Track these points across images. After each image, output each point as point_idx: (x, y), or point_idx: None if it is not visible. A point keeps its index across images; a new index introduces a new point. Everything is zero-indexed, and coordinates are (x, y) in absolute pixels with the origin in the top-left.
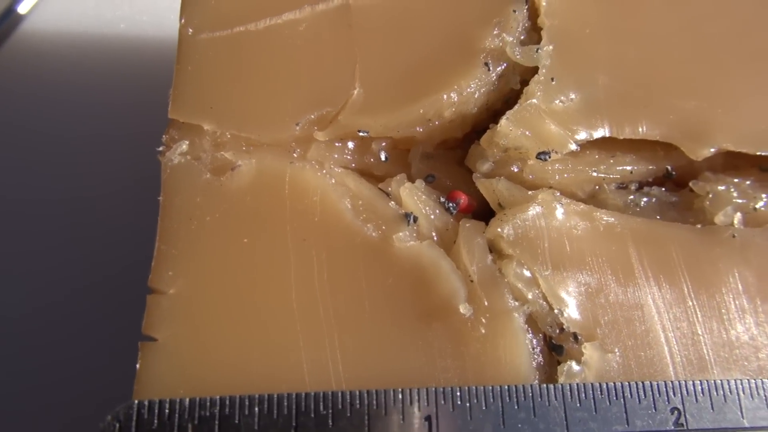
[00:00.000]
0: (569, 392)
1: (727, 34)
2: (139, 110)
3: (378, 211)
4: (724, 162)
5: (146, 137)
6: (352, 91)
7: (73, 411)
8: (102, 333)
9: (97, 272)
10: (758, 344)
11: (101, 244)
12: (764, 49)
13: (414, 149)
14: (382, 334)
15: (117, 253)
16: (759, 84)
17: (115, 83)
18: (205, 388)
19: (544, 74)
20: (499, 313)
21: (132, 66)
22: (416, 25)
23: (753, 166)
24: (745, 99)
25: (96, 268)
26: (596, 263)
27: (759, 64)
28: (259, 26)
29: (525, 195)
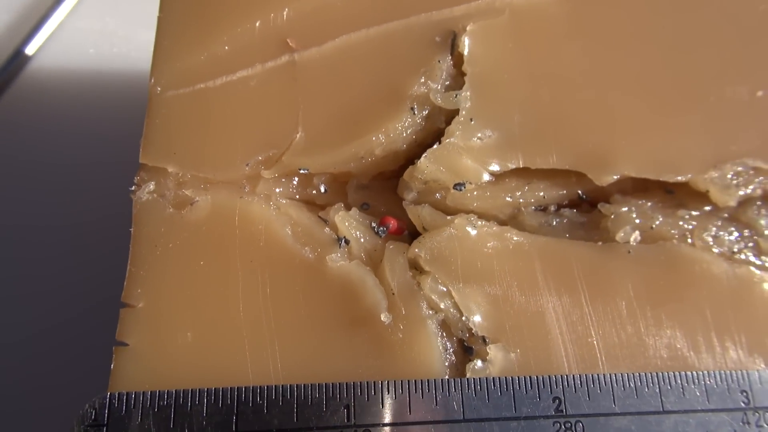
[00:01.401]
0: (466, 385)
1: (631, 74)
2: (136, 141)
3: (315, 236)
4: (634, 185)
5: None
6: (294, 135)
7: (59, 404)
8: (93, 341)
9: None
10: (645, 344)
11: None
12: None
13: (350, 182)
14: (315, 339)
15: (106, 274)
16: (659, 118)
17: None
18: (166, 384)
19: (464, 115)
20: (415, 320)
21: (128, 99)
22: (352, 77)
23: (660, 188)
24: (646, 132)
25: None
26: (503, 277)
27: (660, 99)
28: (217, 83)
29: (444, 220)
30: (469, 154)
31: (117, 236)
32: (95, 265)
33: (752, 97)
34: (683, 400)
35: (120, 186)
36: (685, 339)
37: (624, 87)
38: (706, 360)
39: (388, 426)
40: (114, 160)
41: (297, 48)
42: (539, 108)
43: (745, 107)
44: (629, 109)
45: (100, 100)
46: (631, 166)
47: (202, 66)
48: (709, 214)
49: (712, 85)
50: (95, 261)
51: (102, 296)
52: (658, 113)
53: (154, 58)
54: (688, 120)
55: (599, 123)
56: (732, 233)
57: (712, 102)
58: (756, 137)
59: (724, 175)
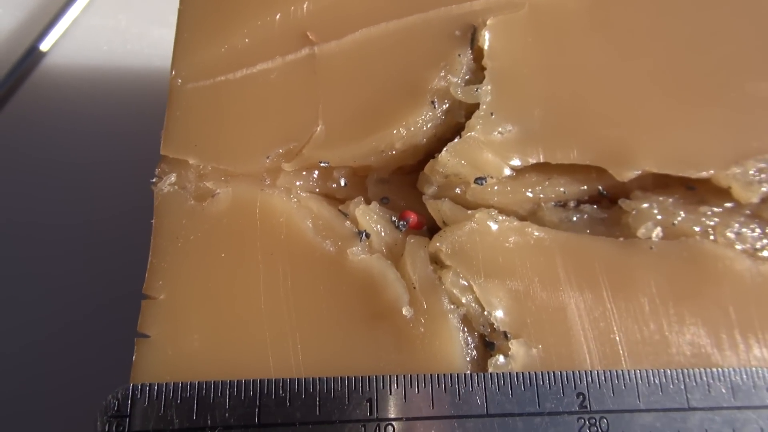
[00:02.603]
0: (489, 380)
1: (652, 69)
2: (149, 137)
3: (335, 230)
4: (654, 182)
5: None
6: (315, 128)
7: (81, 398)
8: (114, 335)
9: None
10: (668, 341)
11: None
12: (686, 81)
13: (370, 176)
14: (336, 333)
15: (121, 271)
16: (681, 114)
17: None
18: (187, 376)
19: (484, 110)
20: (437, 314)
21: (141, 96)
22: (372, 70)
23: (681, 185)
24: (667, 127)
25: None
26: (525, 272)
27: (681, 95)
28: (237, 76)
29: (465, 214)
30: (490, 149)
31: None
32: (110, 262)
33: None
34: (709, 397)
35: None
36: (708, 336)
37: (644, 82)
38: (730, 357)
39: (410, 420)
40: (127, 157)
41: (317, 41)
42: (559, 102)
43: (767, 103)
44: (650, 105)
45: (113, 97)
46: (652, 161)
47: (222, 59)
48: (731, 210)
49: (734, 80)
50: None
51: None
52: (679, 109)
53: (175, 51)
54: (709, 116)
55: (620, 118)
56: (755, 230)
57: (734, 98)
58: None
59: (746, 171)
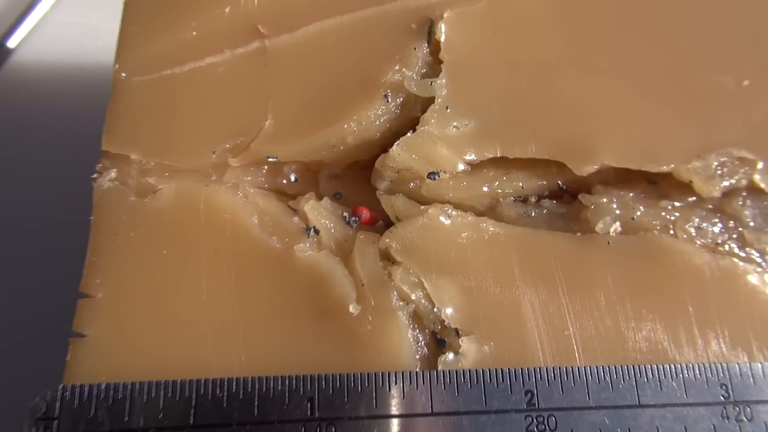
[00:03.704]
0: (435, 378)
1: (612, 62)
2: None
3: (283, 226)
4: (616, 176)
5: None
6: (264, 122)
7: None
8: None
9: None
10: (624, 337)
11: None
12: (647, 74)
13: (322, 171)
14: (282, 331)
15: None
16: (642, 107)
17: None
18: (125, 377)
19: (440, 103)
20: (385, 311)
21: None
22: (325, 64)
23: (643, 179)
24: (628, 121)
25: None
26: (478, 268)
27: (642, 88)
28: (184, 69)
29: (418, 209)
30: (445, 143)
31: None
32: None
33: (738, 86)
34: (660, 393)
35: None
36: (665, 332)
37: (605, 75)
38: (688, 354)
39: (353, 419)
40: (98, 154)
41: (268, 34)
42: (518, 96)
43: (730, 96)
44: (611, 98)
45: (83, 94)
46: (612, 155)
47: (170, 52)
48: (692, 205)
49: (697, 73)
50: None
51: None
52: (641, 102)
53: (120, 43)
54: (671, 109)
55: (579, 112)
56: (716, 224)
57: (697, 91)
58: (741, 127)
59: (708, 165)
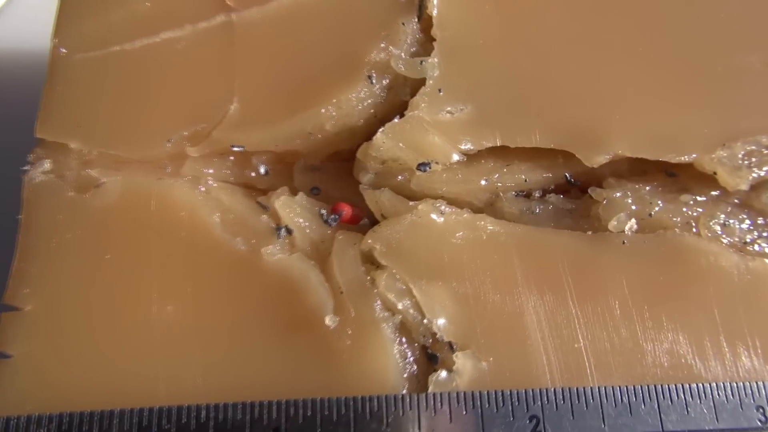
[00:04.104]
0: (424, 402)
1: (627, 41)
2: None
3: (249, 225)
4: (630, 167)
5: None
6: (228, 106)
7: None
8: None
9: None
10: (643, 351)
11: None
12: (665, 53)
13: (297, 162)
14: (246, 347)
15: None
16: (659, 90)
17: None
18: (58, 405)
19: (431, 85)
20: (366, 323)
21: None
22: (301, 41)
23: (660, 171)
24: (643, 106)
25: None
26: (475, 272)
27: (659, 69)
28: (135, 45)
29: (406, 206)
30: (437, 130)
31: None
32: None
33: (766, 66)
34: (687, 418)
35: None
36: (689, 344)
37: (618, 54)
38: (715, 368)
39: None
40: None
41: (235, 7)
42: (520, 78)
43: (758, 77)
44: (624, 80)
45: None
46: (626, 144)
47: (119, 25)
48: (716, 199)
49: (720, 53)
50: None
51: None
52: (657, 85)
53: (59, 15)
54: (692, 92)
55: (589, 95)
56: (743, 221)
57: (720, 72)
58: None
59: (734, 154)
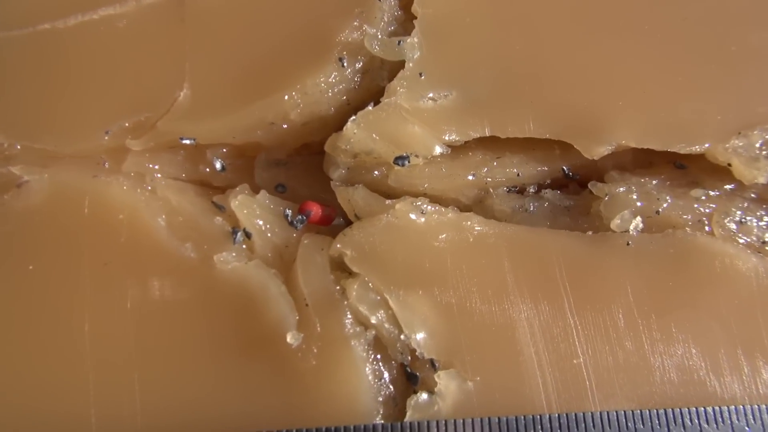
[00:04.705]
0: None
1: (630, 18)
2: None
3: (201, 229)
4: (635, 159)
5: None
6: (177, 93)
7: None
8: None
9: None
10: (650, 366)
11: None
12: (673, 33)
13: (259, 156)
14: (194, 370)
15: None
16: (667, 73)
17: None
18: None
19: (411, 69)
20: (334, 340)
21: None
22: (264, 19)
23: (668, 162)
24: (649, 91)
25: None
26: (460, 279)
27: (667, 50)
28: (69, 23)
29: (383, 205)
30: (417, 119)
31: None
32: None
33: None
34: None
35: None
36: (702, 358)
37: (622, 34)
38: (731, 385)
39: None
40: None
41: None
42: (512, 60)
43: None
44: (628, 62)
45: None
46: (630, 133)
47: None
48: (731, 193)
49: (735, 31)
50: None
51: None
52: (665, 67)
53: None
54: (703, 75)
55: (589, 79)
56: (762, 218)
57: (735, 52)
58: None
59: (750, 143)
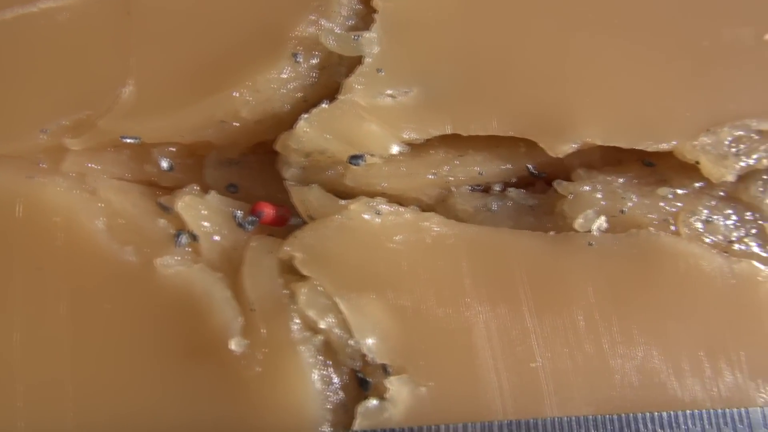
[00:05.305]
0: None
1: (598, 12)
2: None
3: (142, 231)
4: (603, 157)
5: None
6: (121, 89)
7: None
8: None
9: None
10: (610, 368)
11: None
12: (642, 28)
13: (209, 155)
14: (133, 379)
15: None
16: (635, 69)
17: None
18: None
19: (369, 64)
20: (280, 346)
21: None
22: (216, 12)
23: (637, 160)
24: (617, 85)
25: None
26: (416, 282)
27: (635, 45)
28: (6, 16)
29: (337, 205)
30: (375, 117)
31: None
32: None
33: (758, 41)
34: None
35: None
36: (663, 360)
37: (591, 29)
38: (693, 388)
39: None
40: None
41: None
42: (477, 56)
43: (749, 54)
44: (597, 58)
45: None
46: (596, 131)
47: None
48: (699, 192)
49: (707, 26)
50: None
51: None
52: (635, 62)
53: None
54: (673, 71)
55: (555, 75)
56: (729, 217)
57: (706, 48)
58: (762, 92)
59: (719, 141)
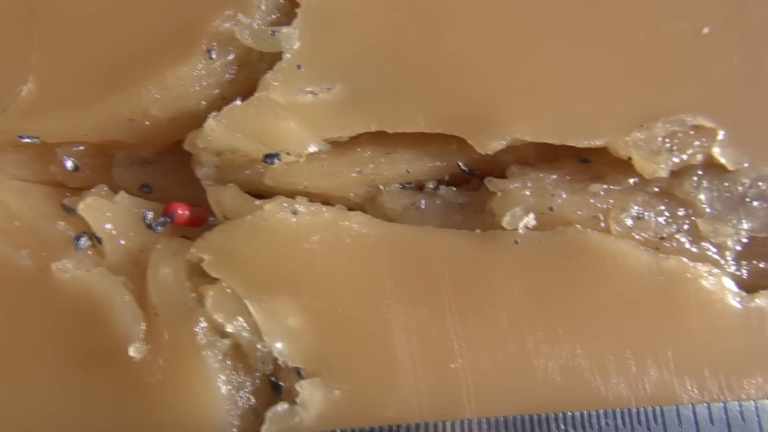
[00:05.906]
0: None
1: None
2: None
3: (40, 234)
4: (538, 154)
5: None
6: (21, 87)
7: None
8: None
9: None
10: (532, 368)
11: None
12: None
13: (117, 155)
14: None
15: None
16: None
17: None
18: None
19: (288, 60)
20: (183, 352)
21: None
22: (126, 6)
23: (573, 156)
24: (548, 79)
25: None
26: (333, 284)
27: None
28: None
29: (252, 205)
30: (293, 114)
31: None
32: None
33: (696, 35)
34: None
35: None
36: (587, 358)
37: (522, 21)
38: (617, 386)
39: None
40: None
41: None
42: (403, 51)
43: (685, 49)
44: (525, 51)
45: None
46: (527, 127)
47: None
48: (633, 188)
49: (643, 18)
50: None
51: None
52: (568, 56)
53: None
54: (608, 65)
55: (484, 70)
56: (661, 213)
57: (642, 41)
58: (697, 87)
59: (652, 136)
